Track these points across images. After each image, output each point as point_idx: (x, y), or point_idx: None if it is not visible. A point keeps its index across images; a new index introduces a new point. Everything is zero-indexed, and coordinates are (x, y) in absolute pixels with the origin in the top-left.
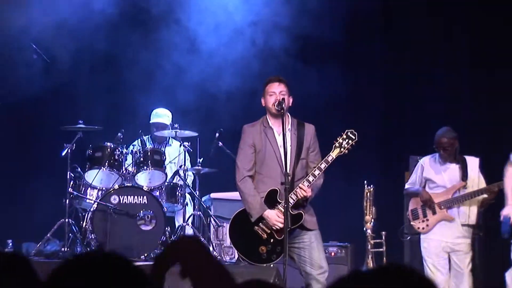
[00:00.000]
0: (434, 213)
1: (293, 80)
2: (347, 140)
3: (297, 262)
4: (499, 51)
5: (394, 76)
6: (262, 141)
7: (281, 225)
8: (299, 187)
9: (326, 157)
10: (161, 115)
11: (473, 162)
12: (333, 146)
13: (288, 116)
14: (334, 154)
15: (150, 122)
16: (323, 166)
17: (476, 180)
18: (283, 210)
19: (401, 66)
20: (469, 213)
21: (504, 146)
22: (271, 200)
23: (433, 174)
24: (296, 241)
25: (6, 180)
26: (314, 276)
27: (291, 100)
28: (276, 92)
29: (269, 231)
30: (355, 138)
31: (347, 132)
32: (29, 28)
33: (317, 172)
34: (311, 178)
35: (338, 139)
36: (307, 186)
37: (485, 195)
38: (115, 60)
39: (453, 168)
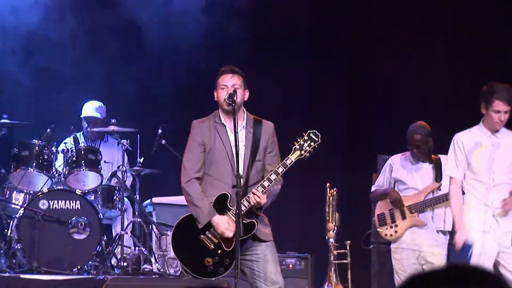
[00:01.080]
0: (404, 218)
1: (249, 74)
2: (309, 142)
3: (248, 277)
4: (475, 41)
5: (360, 70)
6: (212, 139)
7: (231, 234)
8: (252, 192)
9: (285, 161)
10: (93, 108)
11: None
12: (293, 148)
13: (244, 111)
14: (293, 157)
15: (81, 116)
16: (280, 170)
17: None
18: (234, 217)
19: (368, 59)
20: (445, 217)
21: None
22: (220, 206)
23: (404, 174)
24: (248, 253)
25: None
26: None
27: (246, 94)
28: (228, 85)
29: (216, 241)
30: (318, 140)
31: (309, 133)
32: None
33: (273, 176)
34: (266, 183)
35: (299, 140)
36: (262, 192)
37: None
38: (44, 46)
39: (426, 168)
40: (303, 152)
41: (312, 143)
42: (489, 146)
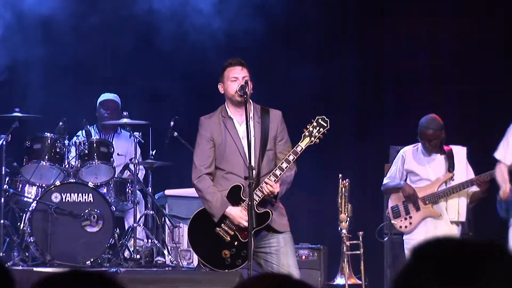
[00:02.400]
0: (418, 209)
1: (261, 66)
2: (318, 128)
3: (264, 268)
4: (485, 38)
5: (370, 61)
6: (221, 133)
7: (246, 223)
8: (265, 182)
9: (295, 148)
10: (110, 95)
11: (460, 152)
12: (303, 135)
13: (251, 102)
14: (303, 144)
15: (99, 101)
16: (291, 158)
17: (464, 171)
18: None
19: (379, 51)
20: (459, 208)
21: (494, 134)
22: (234, 198)
23: (416, 165)
24: (262, 245)
25: None
26: None
27: (252, 86)
28: (239, 77)
29: (232, 233)
30: (327, 126)
31: (317, 119)
32: None
33: (284, 165)
34: (278, 172)
35: (308, 127)
36: (274, 181)
37: (475, 188)
38: (56, 39)
39: (439, 159)
40: (313, 138)
41: (321, 129)
42: None
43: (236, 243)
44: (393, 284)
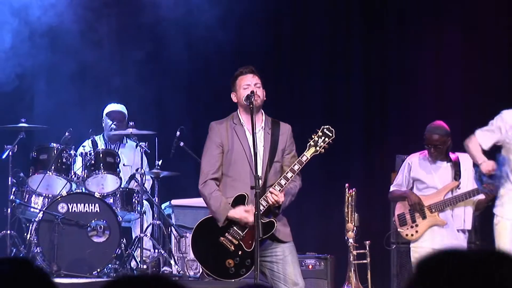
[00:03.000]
0: (424, 217)
1: (268, 77)
2: (323, 138)
3: (269, 278)
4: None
5: (376, 71)
6: (230, 139)
7: (252, 220)
8: (270, 191)
9: (300, 158)
10: (116, 105)
11: (466, 160)
12: (308, 144)
13: (262, 113)
14: (308, 154)
15: (105, 112)
16: (296, 167)
17: (471, 179)
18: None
19: (382, 59)
20: (465, 216)
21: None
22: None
23: (422, 174)
24: (267, 254)
25: None
26: None
27: (264, 94)
28: (251, 84)
29: (236, 242)
30: (332, 135)
31: (323, 129)
32: None
33: (290, 174)
34: (283, 182)
35: (313, 136)
36: (279, 190)
37: (481, 196)
38: (61, 50)
39: (445, 167)
40: (318, 148)
41: (326, 139)
42: None
43: (240, 252)
44: None
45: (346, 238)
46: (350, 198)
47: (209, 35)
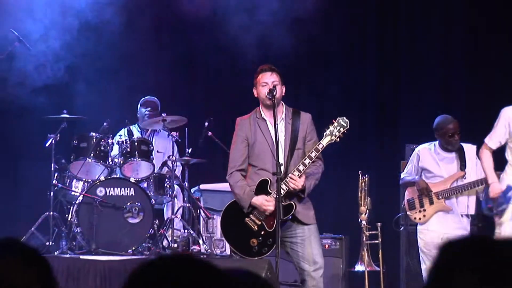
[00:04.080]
0: (431, 203)
1: (290, 73)
2: (338, 128)
3: (291, 256)
4: (495, 40)
5: (388, 64)
6: (254, 132)
7: (272, 209)
8: (289, 176)
9: (317, 145)
10: (151, 98)
11: (470, 150)
12: (324, 134)
13: (283, 105)
14: (324, 142)
15: (140, 102)
16: (313, 154)
17: (474, 168)
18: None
19: (396, 53)
20: (468, 203)
21: None
22: (262, 191)
23: (430, 163)
24: (288, 234)
25: None
26: (308, 272)
27: (284, 89)
28: (269, 82)
29: (259, 223)
30: (347, 126)
31: (338, 120)
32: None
33: (307, 161)
34: (301, 167)
35: (329, 126)
36: (298, 175)
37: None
38: (98, 45)
39: (451, 157)
40: (333, 137)
41: (341, 129)
42: None
43: (262, 232)
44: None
45: (359, 220)
46: (363, 184)
47: (237, 35)
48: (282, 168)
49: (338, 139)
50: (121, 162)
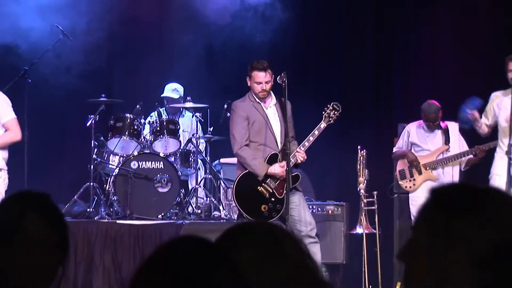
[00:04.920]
0: (420, 173)
1: (298, 63)
2: (333, 111)
3: (288, 220)
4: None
5: (383, 55)
6: (254, 113)
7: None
8: (297, 151)
9: (319, 125)
10: (170, 90)
11: (453, 127)
12: (323, 115)
13: (271, 94)
14: (325, 122)
15: (161, 95)
16: (316, 133)
17: (457, 143)
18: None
19: (391, 47)
20: (453, 172)
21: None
22: (272, 162)
23: (418, 139)
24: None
25: (39, 148)
26: (306, 233)
27: (271, 85)
28: (263, 82)
29: (271, 191)
30: (339, 110)
31: (332, 105)
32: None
33: (311, 138)
34: (306, 144)
35: (326, 110)
36: (304, 150)
37: (470, 156)
38: (133, 40)
39: (437, 133)
40: (330, 119)
41: (336, 112)
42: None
43: (273, 199)
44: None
45: (358, 189)
46: (361, 158)
47: (251, 31)
48: (280, 144)
49: (333, 121)
50: (152, 139)
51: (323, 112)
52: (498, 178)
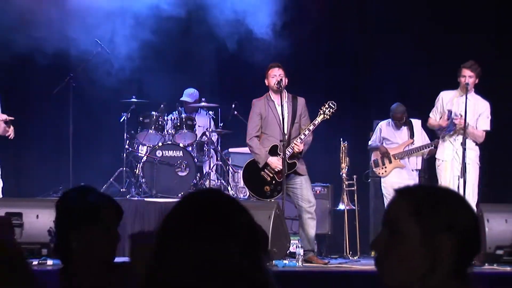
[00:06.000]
0: (390, 162)
1: (297, 70)
2: (329, 109)
3: (292, 198)
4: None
5: (361, 61)
6: (266, 110)
7: (281, 167)
8: (294, 143)
9: (313, 121)
10: (187, 94)
11: (417, 124)
12: (319, 112)
13: (285, 92)
14: (319, 118)
15: (180, 99)
16: (311, 128)
17: (420, 137)
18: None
19: (369, 56)
20: (417, 161)
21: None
22: (273, 152)
23: (388, 134)
24: (291, 183)
25: (82, 140)
26: (304, 208)
27: (287, 81)
28: (277, 75)
29: (272, 175)
30: (335, 107)
31: (329, 103)
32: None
33: (307, 132)
34: (302, 136)
35: (322, 107)
36: (300, 142)
37: (431, 147)
38: (159, 51)
39: (403, 129)
40: (325, 115)
41: (331, 109)
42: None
43: (274, 182)
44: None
45: (341, 173)
46: (343, 148)
47: (261, 38)
48: (286, 136)
49: (328, 117)
50: (173, 133)
51: (320, 109)
52: (444, 164)
